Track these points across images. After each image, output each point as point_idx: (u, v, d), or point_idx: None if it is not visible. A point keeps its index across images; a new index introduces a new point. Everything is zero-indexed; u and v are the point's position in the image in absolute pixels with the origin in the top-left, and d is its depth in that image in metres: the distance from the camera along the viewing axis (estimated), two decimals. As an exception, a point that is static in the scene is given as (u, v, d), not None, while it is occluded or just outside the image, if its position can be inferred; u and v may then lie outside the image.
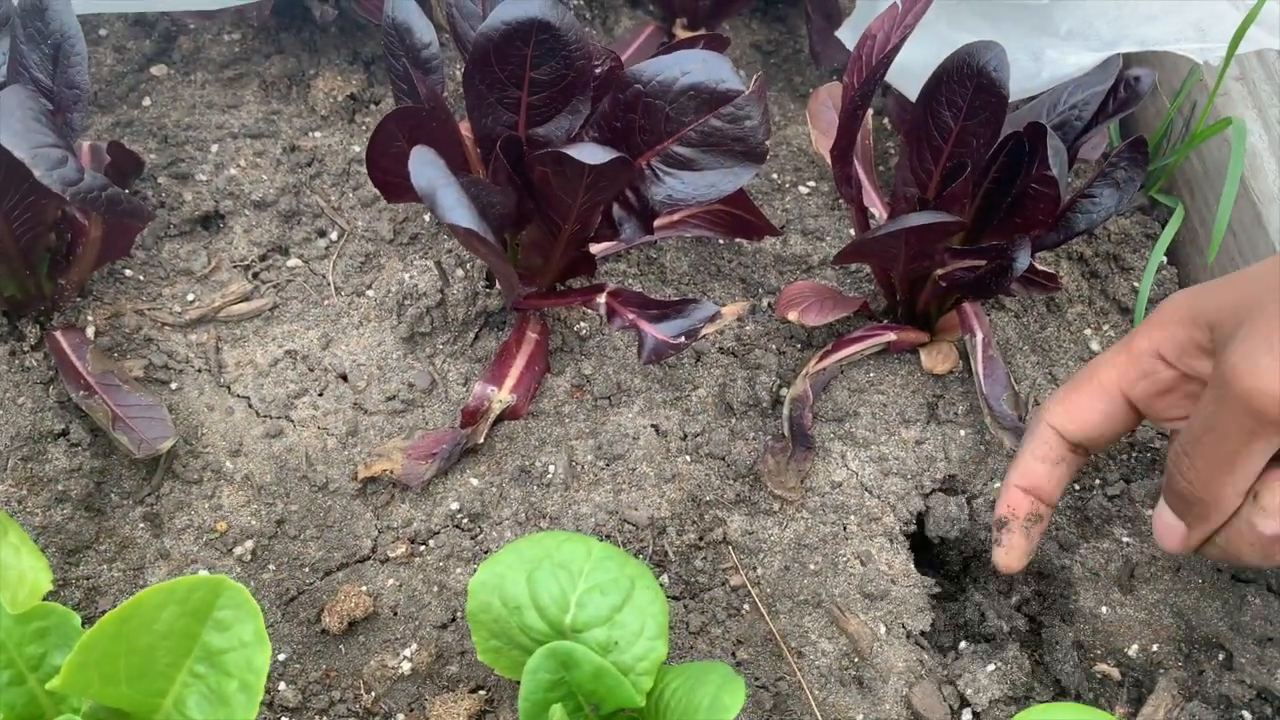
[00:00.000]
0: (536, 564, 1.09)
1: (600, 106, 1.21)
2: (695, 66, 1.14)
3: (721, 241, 1.54)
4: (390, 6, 1.25)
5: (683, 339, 1.26)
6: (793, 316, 1.33)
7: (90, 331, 1.38)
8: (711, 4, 1.74)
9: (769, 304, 1.47)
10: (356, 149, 1.60)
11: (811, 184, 1.63)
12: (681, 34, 1.73)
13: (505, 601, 1.08)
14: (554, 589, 1.07)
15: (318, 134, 1.61)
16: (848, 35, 1.63)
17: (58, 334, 1.35)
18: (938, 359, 1.39)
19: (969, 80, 1.21)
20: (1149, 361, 1.10)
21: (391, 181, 1.17)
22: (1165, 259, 1.50)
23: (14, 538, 1.07)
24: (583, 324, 1.45)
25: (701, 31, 1.74)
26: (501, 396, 1.31)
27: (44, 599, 1.08)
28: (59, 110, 1.21)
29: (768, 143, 1.18)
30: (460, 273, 1.40)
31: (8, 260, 1.29)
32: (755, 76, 1.14)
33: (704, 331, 1.22)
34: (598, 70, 1.23)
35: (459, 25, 1.27)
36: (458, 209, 0.99)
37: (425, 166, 1.01)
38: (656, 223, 1.42)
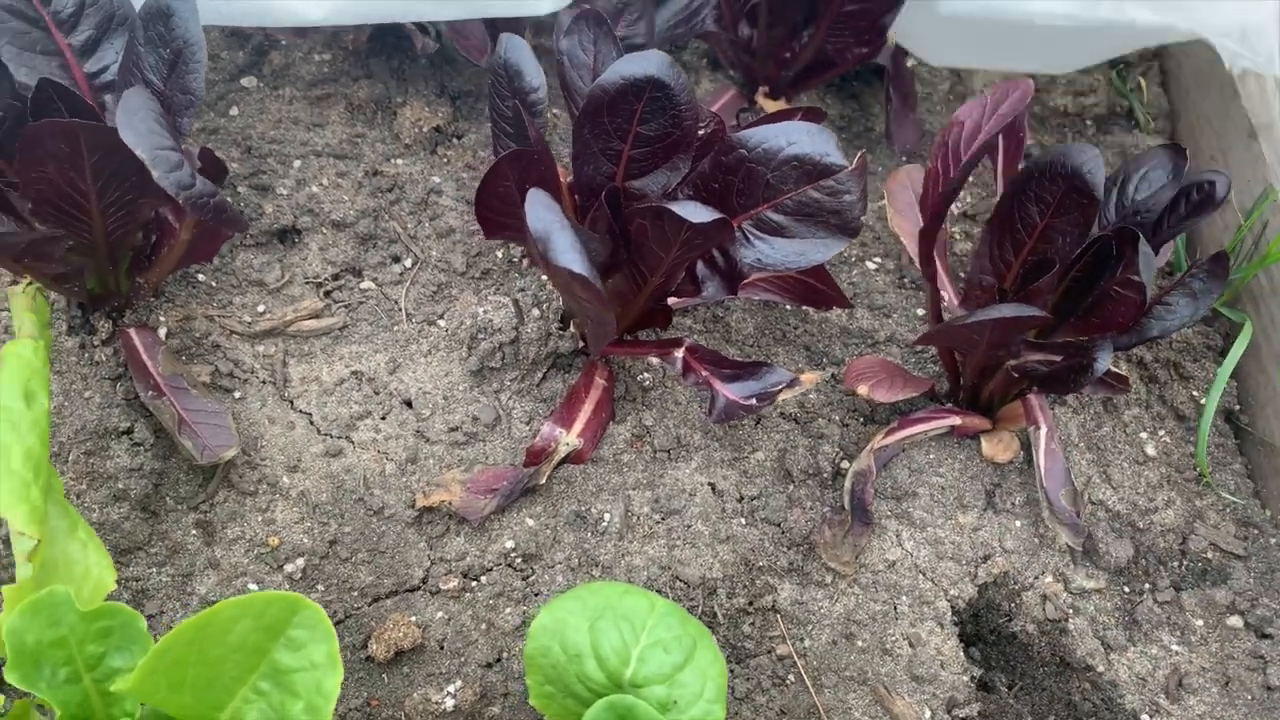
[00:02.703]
0: (599, 613, 1.08)
1: (700, 166, 1.23)
2: (801, 138, 1.16)
3: (789, 307, 1.55)
4: (503, 48, 1.27)
5: (754, 401, 1.27)
6: (862, 390, 1.34)
7: (162, 332, 1.39)
8: (793, 76, 1.77)
9: (833, 375, 1.48)
10: (436, 180, 1.62)
11: (878, 260, 1.65)
12: (763, 102, 1.76)
13: (565, 648, 1.07)
14: (616, 640, 1.07)
15: (400, 161, 1.63)
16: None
17: (131, 331, 1.35)
18: (999, 447, 1.39)
19: (1061, 179, 1.24)
20: None
21: (494, 219, 1.19)
22: (1224, 371, 1.51)
23: (82, 533, 1.07)
24: (646, 374, 1.45)
25: (782, 101, 1.78)
26: (569, 439, 1.32)
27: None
28: (169, 113, 1.22)
29: (862, 219, 1.20)
30: (536, 312, 1.41)
31: (95, 255, 1.30)
32: (859, 154, 1.16)
33: (782, 397, 1.23)
34: (701, 131, 1.25)
35: (568, 73, 1.30)
36: (570, 254, 1.00)
37: (541, 210, 1.03)
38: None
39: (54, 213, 1.21)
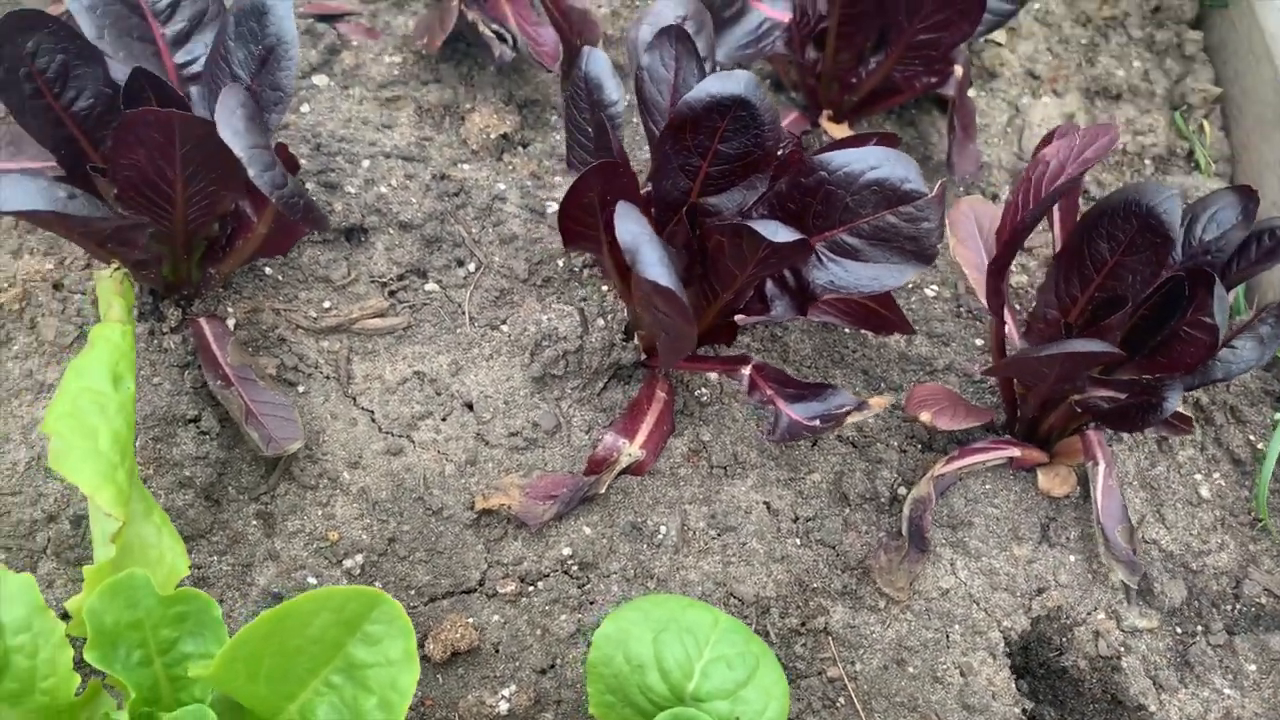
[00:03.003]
0: (663, 626, 1.08)
1: (777, 186, 1.24)
2: (884, 163, 1.17)
3: (847, 330, 1.56)
4: (584, 61, 1.29)
5: (817, 422, 1.27)
6: (925, 417, 1.34)
7: (231, 323, 1.40)
8: (857, 101, 1.79)
9: (892, 401, 1.48)
10: (501, 187, 1.63)
11: (935, 288, 1.66)
12: (827, 125, 1.77)
13: (629, 658, 1.07)
14: (680, 653, 1.07)
15: (466, 166, 1.65)
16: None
17: (201, 321, 1.36)
18: (1055, 481, 1.39)
19: (1134, 218, 1.24)
20: None
21: (575, 229, 1.20)
22: None
23: (157, 518, 1.08)
24: (703, 389, 1.46)
25: (845, 125, 1.79)
26: (631, 450, 1.32)
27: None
28: (259, 110, 1.24)
29: (938, 246, 1.21)
30: (600, 322, 1.42)
31: (173, 244, 1.31)
32: (939, 182, 1.17)
33: (850, 420, 1.23)
34: (780, 152, 1.26)
35: (647, 88, 1.31)
36: (658, 267, 1.01)
37: (630, 223, 1.04)
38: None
39: (139, 200, 1.23)
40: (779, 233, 1.12)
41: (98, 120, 1.25)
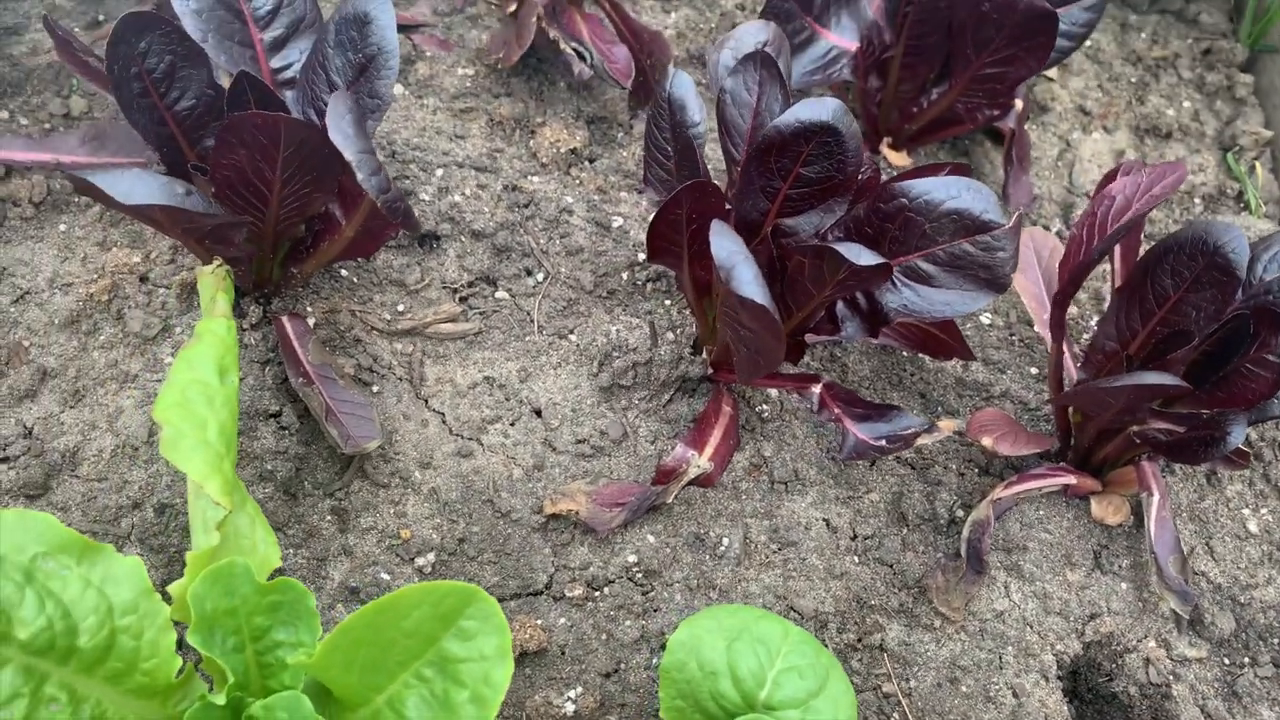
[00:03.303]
0: (736, 635, 1.11)
1: (855, 210, 1.28)
2: (963, 193, 1.21)
3: (905, 354, 1.59)
4: (670, 82, 1.32)
5: (883, 443, 1.30)
6: (987, 442, 1.37)
7: (311, 322, 1.44)
8: (915, 130, 1.82)
9: (948, 424, 1.51)
10: (569, 200, 1.67)
11: (990, 316, 1.69)
12: (888, 153, 1.81)
13: (701, 665, 1.10)
14: (753, 662, 1.10)
15: (536, 179, 1.69)
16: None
17: (284, 319, 1.40)
18: (1109, 510, 1.42)
19: (1200, 256, 1.27)
20: None
21: (662, 245, 1.23)
22: (1329, 457, 1.54)
23: (250, 509, 1.11)
24: (764, 406, 1.49)
25: (904, 153, 1.83)
26: (700, 462, 1.35)
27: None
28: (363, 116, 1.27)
29: (1012, 276, 1.24)
30: (670, 336, 1.46)
31: (261, 243, 1.35)
32: (1016, 214, 1.20)
33: (920, 442, 1.26)
34: (859, 177, 1.30)
35: (728, 111, 1.34)
36: (753, 285, 1.05)
37: (725, 240, 1.07)
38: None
39: (235, 199, 1.26)
40: (862, 255, 1.15)
41: (197, 121, 1.29)
